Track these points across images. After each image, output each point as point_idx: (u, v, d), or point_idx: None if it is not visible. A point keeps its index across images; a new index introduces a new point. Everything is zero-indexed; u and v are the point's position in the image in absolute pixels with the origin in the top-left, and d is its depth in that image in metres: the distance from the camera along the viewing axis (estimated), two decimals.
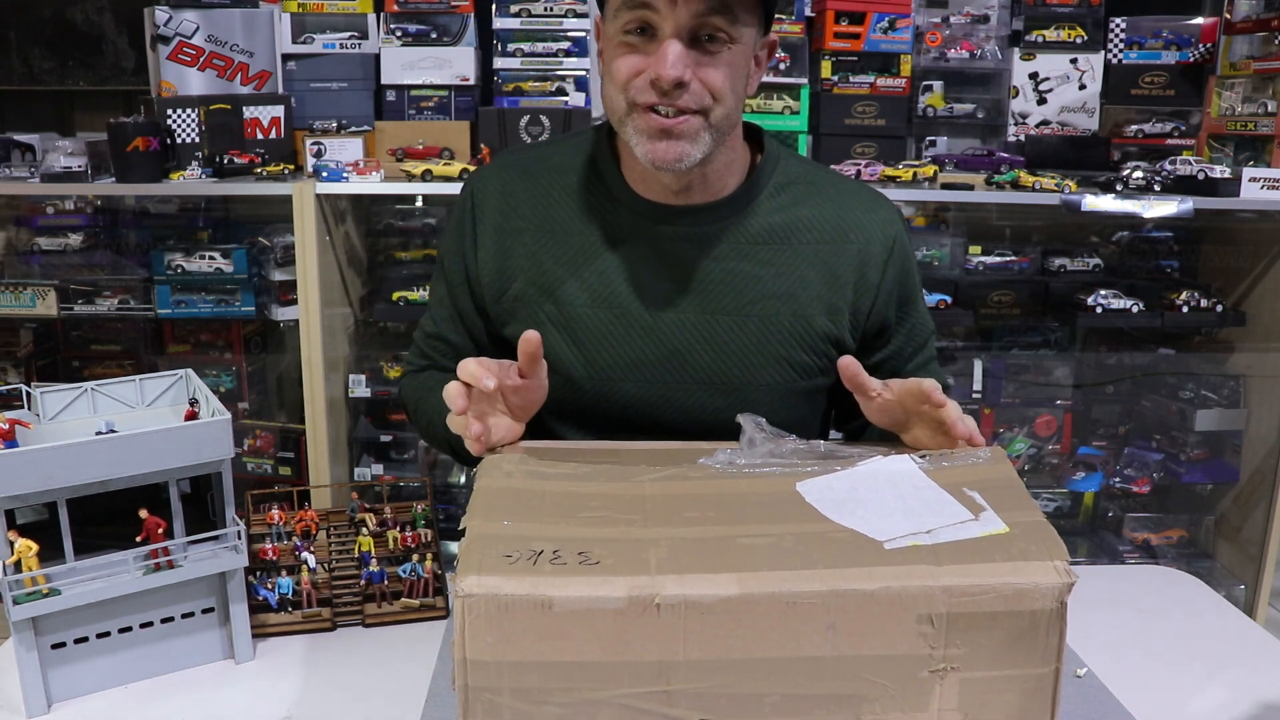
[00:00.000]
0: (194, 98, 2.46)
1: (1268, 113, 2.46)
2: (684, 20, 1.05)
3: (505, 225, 1.25)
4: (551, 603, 0.77)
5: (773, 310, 1.21)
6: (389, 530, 1.34)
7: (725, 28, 1.07)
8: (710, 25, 1.06)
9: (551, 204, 1.24)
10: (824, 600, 0.79)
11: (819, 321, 1.22)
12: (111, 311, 2.54)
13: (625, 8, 1.07)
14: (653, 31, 1.07)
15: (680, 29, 1.05)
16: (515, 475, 0.95)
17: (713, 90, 1.09)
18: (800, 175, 1.25)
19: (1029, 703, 0.83)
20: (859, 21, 2.52)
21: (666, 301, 1.21)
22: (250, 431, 2.72)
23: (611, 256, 1.21)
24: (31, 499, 1.06)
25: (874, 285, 1.24)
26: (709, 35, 1.07)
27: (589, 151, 1.25)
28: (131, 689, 1.14)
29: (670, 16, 1.05)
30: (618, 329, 1.21)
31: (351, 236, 2.58)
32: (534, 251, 1.23)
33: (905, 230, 1.28)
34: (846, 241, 1.23)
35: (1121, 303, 2.58)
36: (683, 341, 1.21)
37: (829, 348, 1.24)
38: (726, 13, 1.06)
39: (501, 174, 1.27)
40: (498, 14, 2.48)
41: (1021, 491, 0.92)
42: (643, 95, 1.09)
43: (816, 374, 1.24)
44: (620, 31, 1.08)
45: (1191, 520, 2.88)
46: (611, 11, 1.10)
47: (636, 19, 1.07)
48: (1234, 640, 1.31)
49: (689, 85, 1.07)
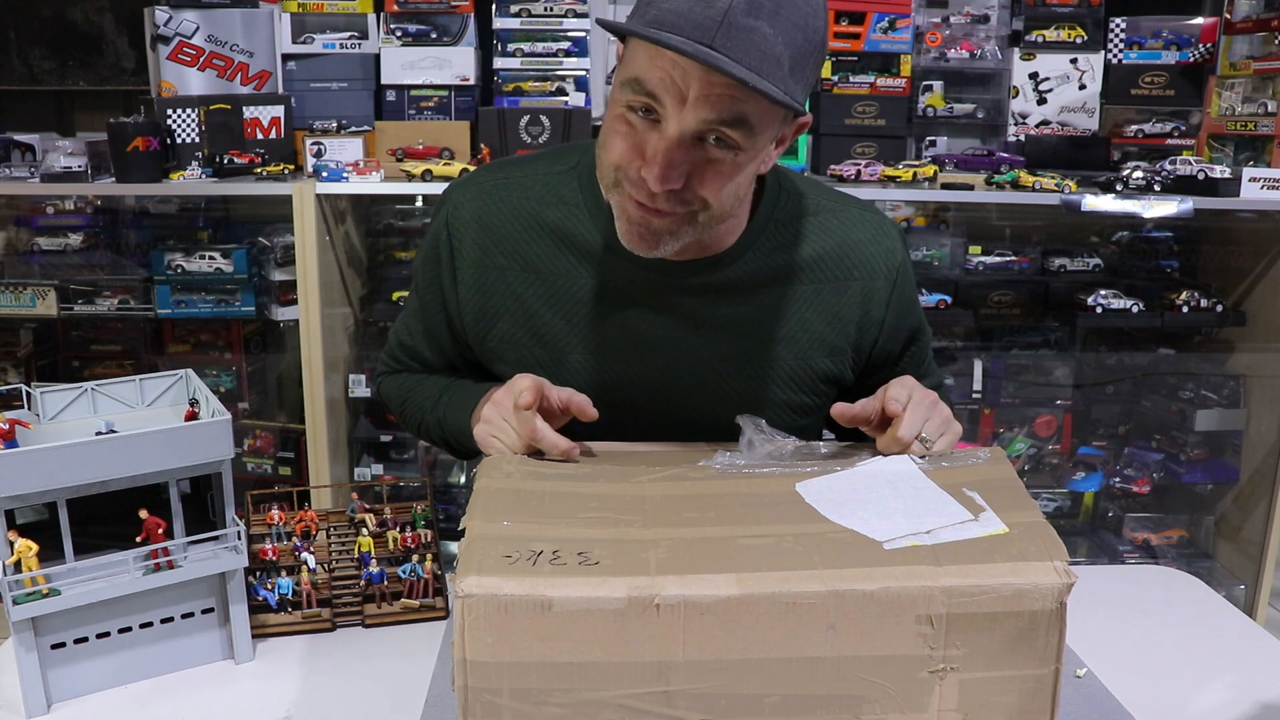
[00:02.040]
0: (194, 98, 2.46)
1: (1268, 113, 2.46)
2: (690, 125, 0.94)
3: (486, 261, 1.17)
4: (551, 603, 0.77)
5: (773, 355, 1.17)
6: (389, 530, 1.34)
7: (736, 137, 0.96)
8: (720, 132, 0.95)
9: (535, 241, 1.16)
10: (823, 601, 0.79)
11: (820, 364, 1.19)
12: (111, 311, 2.54)
13: (631, 87, 0.96)
14: (655, 117, 0.96)
15: (683, 133, 0.95)
16: (515, 475, 0.95)
17: (705, 198, 1.00)
18: (801, 209, 1.18)
19: (1028, 703, 0.83)
20: (859, 21, 2.52)
21: (662, 350, 1.16)
22: (250, 431, 2.72)
23: (604, 304, 1.15)
24: (31, 499, 1.06)
25: (878, 321, 1.20)
26: (716, 139, 0.96)
27: (577, 184, 1.16)
28: (131, 689, 1.14)
29: (676, 118, 0.94)
30: (611, 378, 1.17)
31: (351, 236, 2.58)
32: (519, 293, 1.17)
33: (907, 255, 1.23)
34: (850, 279, 1.17)
35: (1121, 303, 2.58)
36: (679, 390, 1.17)
37: (829, 388, 1.21)
38: (742, 126, 0.95)
39: (479, 201, 1.18)
40: (498, 14, 2.48)
41: (1021, 492, 0.92)
42: (631, 187, 1.00)
43: (815, 412, 1.22)
44: (624, 103, 0.98)
45: (1191, 520, 2.88)
46: (621, 76, 0.99)
47: (642, 102, 0.96)
48: (1234, 640, 1.31)
49: (679, 190, 0.98)
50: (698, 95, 0.93)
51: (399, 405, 1.36)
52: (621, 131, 0.99)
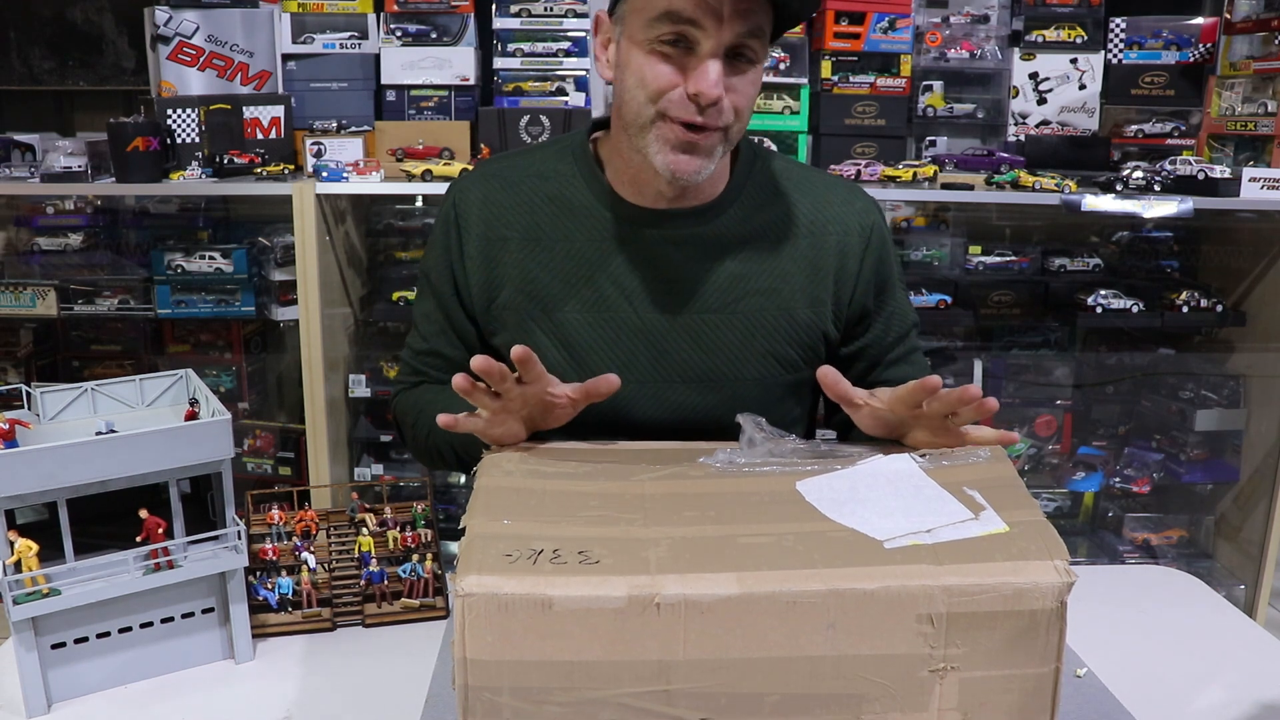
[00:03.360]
0: (194, 98, 2.46)
1: (1268, 113, 2.46)
2: (727, 39, 1.07)
3: (490, 234, 1.25)
4: (551, 602, 0.77)
5: (757, 306, 1.23)
6: (389, 530, 1.34)
7: (755, 47, 1.10)
8: (744, 45, 1.09)
9: (536, 211, 1.24)
10: (824, 600, 0.79)
11: (802, 314, 1.25)
12: (111, 311, 2.54)
13: (665, 20, 1.07)
14: (690, 45, 1.08)
15: (721, 47, 1.07)
16: (515, 474, 0.95)
17: (738, 108, 1.12)
18: (779, 173, 1.28)
19: (1029, 702, 0.83)
20: (859, 21, 2.52)
21: (654, 304, 1.22)
22: (250, 431, 2.72)
23: (599, 262, 1.22)
24: (31, 499, 1.06)
25: (853, 274, 1.27)
26: (739, 53, 1.09)
27: (571, 158, 1.26)
28: (131, 689, 1.14)
29: (715, 35, 1.06)
30: (607, 333, 1.23)
31: (351, 236, 2.58)
32: (521, 260, 1.24)
33: (883, 220, 1.31)
34: (826, 235, 1.26)
35: (1121, 303, 2.58)
36: (671, 342, 1.23)
37: (813, 339, 1.27)
38: (761, 35, 1.10)
39: (482, 184, 1.28)
40: (498, 14, 2.48)
41: (1021, 491, 0.92)
42: (678, 110, 1.10)
43: (801, 367, 1.27)
44: (654, 40, 1.08)
45: (1191, 520, 2.88)
46: (641, 20, 1.09)
47: (675, 32, 1.07)
48: (1234, 640, 1.31)
49: (721, 104, 1.10)
50: (731, 11, 1.06)
51: (411, 421, 1.33)
52: (657, 65, 1.09)
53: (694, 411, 1.24)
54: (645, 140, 1.13)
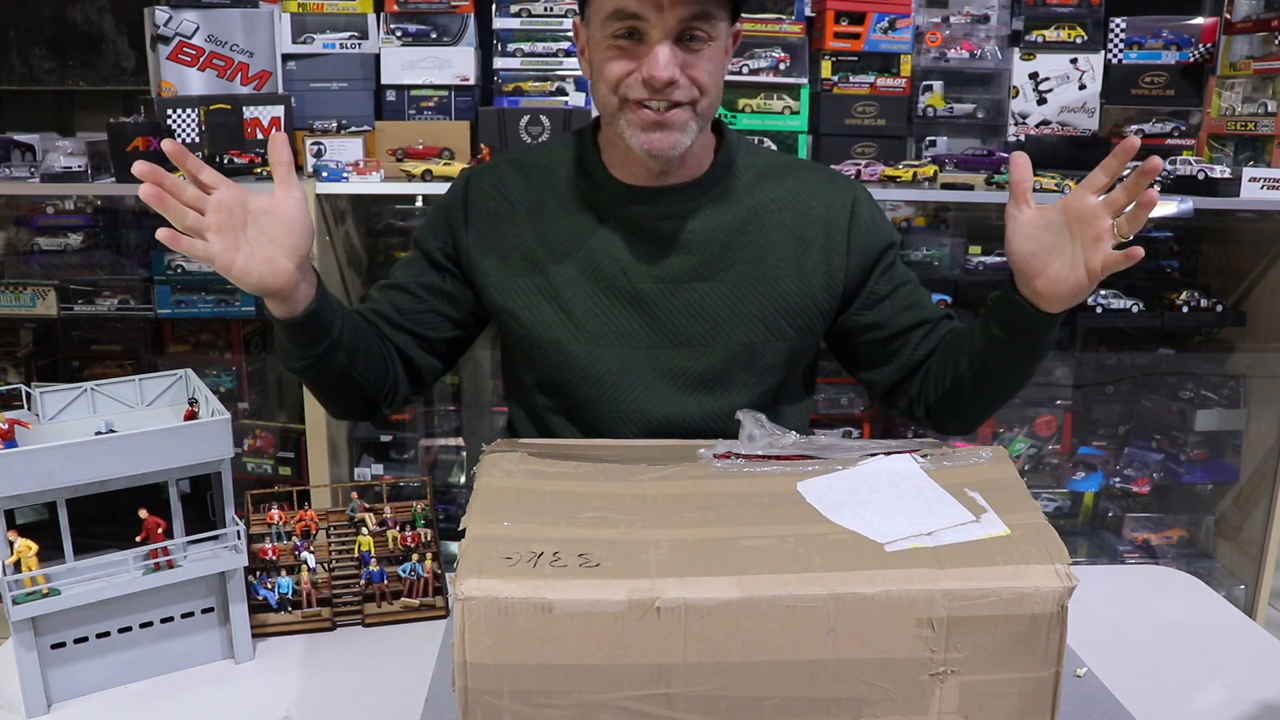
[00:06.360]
0: (194, 98, 2.46)
1: (1268, 113, 2.46)
2: (670, 25, 1.17)
3: (498, 209, 1.35)
4: (552, 605, 0.77)
5: (744, 275, 1.32)
6: (389, 530, 1.34)
7: (705, 28, 1.19)
8: (692, 28, 1.19)
9: (542, 192, 1.35)
10: (824, 604, 0.79)
11: (788, 283, 1.33)
12: (111, 311, 2.54)
13: (614, 18, 1.18)
14: (640, 36, 1.19)
15: (667, 33, 1.18)
16: (515, 475, 0.95)
17: (699, 84, 1.21)
18: (763, 161, 1.38)
19: (1029, 706, 0.83)
20: (859, 21, 2.52)
21: (647, 273, 1.31)
22: (250, 431, 2.72)
23: (596, 236, 1.32)
24: (31, 499, 1.06)
25: (841, 242, 1.34)
26: (690, 35, 1.19)
27: (574, 149, 1.37)
28: (131, 689, 1.14)
29: (658, 24, 1.17)
30: (603, 300, 1.32)
31: (351, 236, 2.58)
32: (523, 231, 1.34)
33: (867, 195, 1.39)
34: (810, 209, 1.35)
35: (1121, 303, 2.58)
36: (663, 309, 1.31)
37: (803, 308, 1.34)
38: (706, 18, 1.19)
39: (496, 169, 1.39)
40: (498, 14, 2.48)
41: (1023, 492, 0.92)
42: (634, 92, 1.21)
43: (790, 335, 1.34)
44: (609, 37, 1.20)
45: (1191, 520, 2.88)
46: (599, 20, 1.21)
47: (625, 27, 1.18)
48: (1234, 640, 1.31)
49: (678, 82, 1.19)
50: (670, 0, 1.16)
51: None
52: (613, 58, 1.20)
53: (687, 377, 1.32)
54: (619, 126, 1.24)
